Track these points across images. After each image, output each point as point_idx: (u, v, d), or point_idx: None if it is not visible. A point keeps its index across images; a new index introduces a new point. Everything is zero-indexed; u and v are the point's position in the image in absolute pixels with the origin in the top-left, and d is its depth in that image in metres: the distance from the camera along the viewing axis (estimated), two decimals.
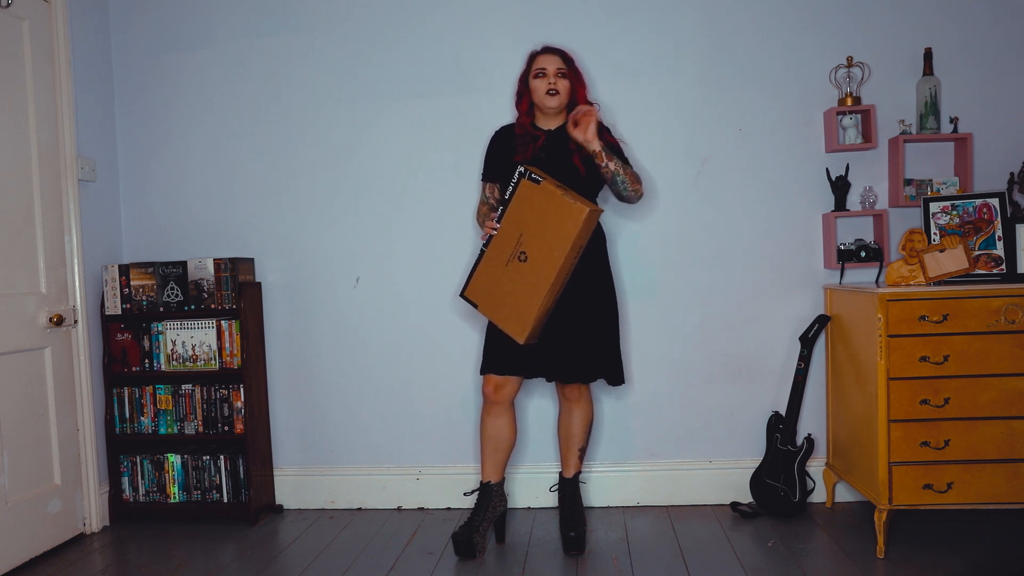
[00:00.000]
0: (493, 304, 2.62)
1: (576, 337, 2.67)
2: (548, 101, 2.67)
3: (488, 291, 2.62)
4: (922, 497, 2.57)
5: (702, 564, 2.60)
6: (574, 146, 2.65)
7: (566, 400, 2.81)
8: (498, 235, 2.60)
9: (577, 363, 2.69)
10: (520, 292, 2.55)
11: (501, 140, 2.80)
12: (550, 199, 2.50)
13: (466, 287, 2.67)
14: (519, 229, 2.56)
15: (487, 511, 2.77)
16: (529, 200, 2.54)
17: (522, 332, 2.57)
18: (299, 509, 3.31)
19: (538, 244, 2.53)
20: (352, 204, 3.27)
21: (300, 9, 3.26)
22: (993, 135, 3.02)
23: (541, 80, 2.67)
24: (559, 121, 2.73)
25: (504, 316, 2.60)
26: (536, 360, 2.68)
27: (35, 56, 2.92)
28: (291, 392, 3.33)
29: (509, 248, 2.57)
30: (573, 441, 2.84)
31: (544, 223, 2.52)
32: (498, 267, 2.60)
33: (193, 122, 3.34)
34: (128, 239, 3.40)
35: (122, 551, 2.93)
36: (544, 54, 2.72)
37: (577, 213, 2.47)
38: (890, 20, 3.06)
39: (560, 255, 2.50)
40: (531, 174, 2.54)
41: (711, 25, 3.12)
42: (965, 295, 2.55)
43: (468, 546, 2.69)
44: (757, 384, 3.15)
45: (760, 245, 3.13)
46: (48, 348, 2.95)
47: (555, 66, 2.67)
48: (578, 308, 2.67)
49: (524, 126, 2.73)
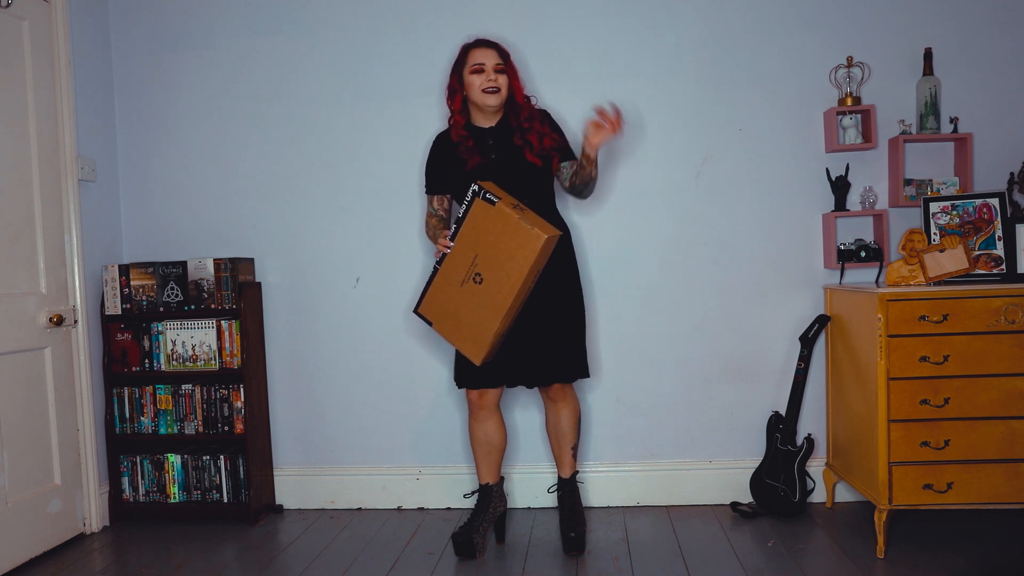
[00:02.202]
0: (448, 324, 2.56)
1: (549, 340, 2.64)
2: (488, 99, 2.58)
3: (443, 310, 2.56)
4: (922, 497, 2.57)
5: (702, 564, 2.60)
6: (521, 141, 2.60)
7: (551, 401, 2.77)
8: (452, 254, 2.52)
9: (554, 365, 2.66)
10: (476, 314, 2.49)
11: (441, 147, 2.72)
12: (506, 222, 2.41)
13: (419, 303, 2.60)
14: (473, 250, 2.48)
15: (487, 512, 2.77)
16: (484, 221, 2.45)
17: (479, 354, 2.52)
18: (299, 509, 3.31)
19: (494, 268, 2.45)
20: (352, 204, 3.27)
21: (300, 9, 3.26)
22: (993, 135, 3.02)
23: (479, 76, 2.58)
24: (498, 117, 2.66)
25: (460, 337, 2.54)
26: (511, 369, 2.65)
27: (35, 56, 2.92)
28: (291, 392, 3.33)
29: (464, 269, 2.50)
30: (565, 440, 2.81)
31: (499, 246, 2.43)
32: (452, 287, 2.53)
33: (193, 122, 3.34)
34: (128, 239, 3.40)
35: (122, 551, 2.93)
36: (480, 48, 2.61)
37: (534, 239, 2.39)
38: (890, 20, 3.06)
39: (517, 280, 2.43)
40: (485, 193, 2.44)
41: (711, 25, 3.12)
42: (965, 295, 2.55)
43: (468, 546, 2.68)
44: (757, 384, 3.15)
45: (760, 245, 3.13)
46: (48, 348, 2.95)
47: (493, 61, 2.58)
48: (547, 310, 2.63)
49: (458, 127, 2.64)
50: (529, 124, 2.63)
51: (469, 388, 2.70)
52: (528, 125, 2.62)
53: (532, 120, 2.64)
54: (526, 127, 2.62)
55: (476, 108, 2.65)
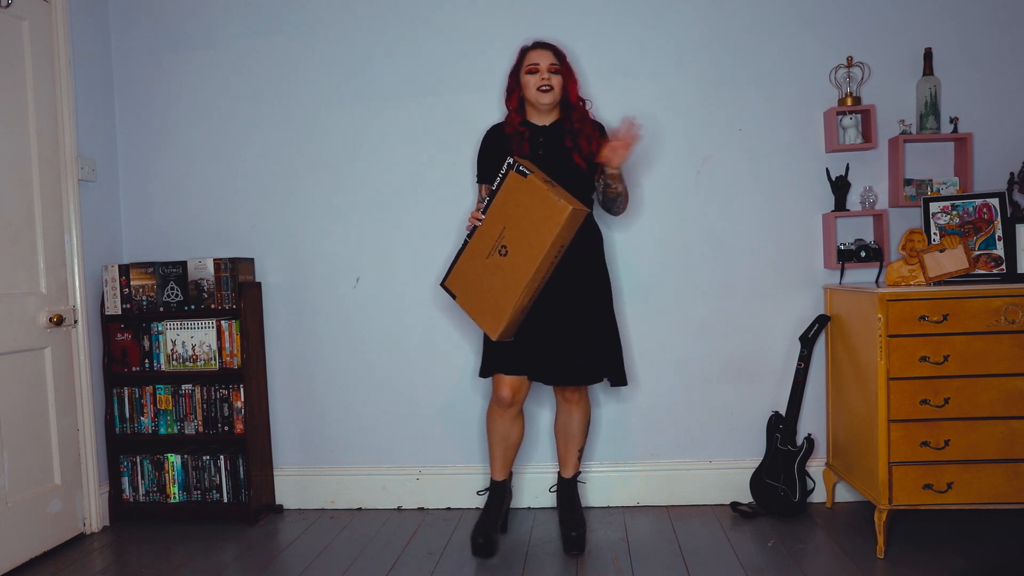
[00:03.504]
0: (471, 297, 2.57)
1: (576, 340, 2.65)
2: (541, 98, 2.64)
3: (467, 284, 2.58)
4: (922, 497, 2.57)
5: (702, 564, 2.60)
6: (571, 143, 2.64)
7: (566, 402, 2.79)
8: (482, 227, 2.55)
9: (581, 365, 2.67)
10: (498, 287, 2.50)
11: (494, 139, 2.76)
12: (534, 193, 2.44)
13: (447, 277, 2.64)
14: (502, 223, 2.50)
15: (501, 509, 2.81)
16: (515, 193, 2.48)
17: (496, 328, 2.52)
18: (299, 509, 3.31)
19: (519, 239, 2.47)
20: (352, 204, 3.27)
21: (300, 9, 3.26)
22: (993, 135, 3.02)
23: (534, 76, 2.64)
24: (554, 117, 2.71)
25: (480, 311, 2.55)
26: (538, 363, 2.66)
27: (35, 56, 2.92)
28: (291, 392, 3.33)
29: (491, 241, 2.52)
30: (573, 442, 2.83)
31: (526, 218, 2.46)
32: (479, 260, 2.55)
33: (193, 122, 3.34)
34: (128, 239, 3.40)
35: (122, 551, 2.93)
36: (536, 49, 2.68)
37: (560, 211, 2.41)
38: (890, 20, 3.06)
39: (539, 252, 2.44)
40: (519, 166, 2.48)
41: (711, 25, 3.12)
42: (965, 295, 2.55)
43: (489, 546, 2.70)
44: (757, 384, 3.15)
45: (760, 245, 3.13)
46: (48, 348, 2.95)
47: (548, 61, 2.64)
48: (576, 310, 2.65)
49: (514, 124, 2.69)
50: (580, 126, 2.66)
51: (502, 374, 2.67)
52: (579, 127, 2.66)
53: (584, 123, 2.68)
54: (577, 128, 2.65)
55: (532, 107, 2.70)
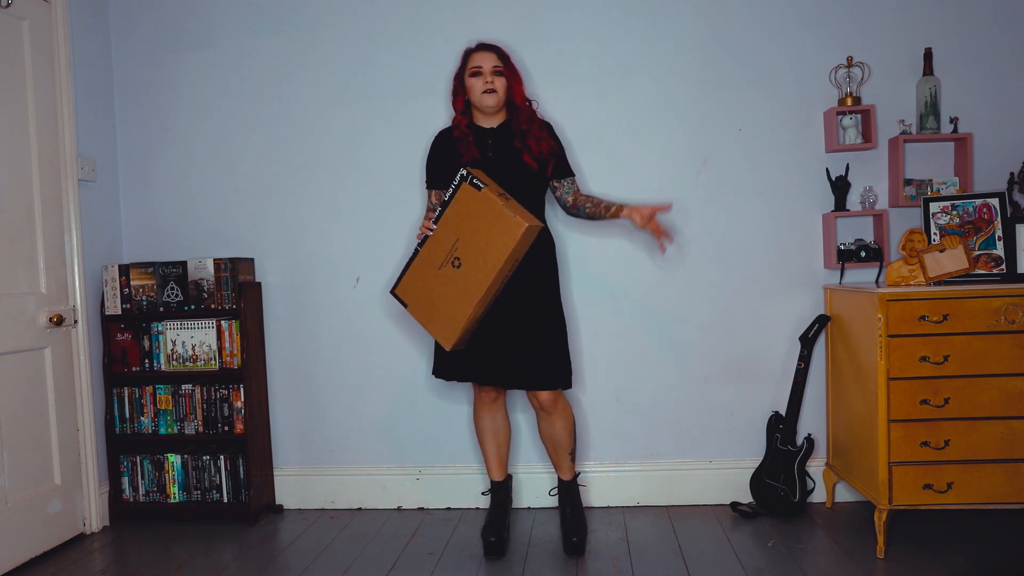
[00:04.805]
0: (423, 307, 2.58)
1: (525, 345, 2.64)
2: (486, 100, 2.63)
3: (419, 293, 2.58)
4: (922, 497, 2.57)
5: (702, 564, 2.60)
6: (520, 144, 2.64)
7: (544, 412, 2.75)
8: (433, 237, 2.55)
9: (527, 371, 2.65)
10: (451, 299, 2.52)
11: (443, 143, 2.75)
12: (489, 208, 2.45)
13: (397, 284, 2.63)
14: (455, 234, 2.51)
15: (505, 508, 2.83)
16: (468, 206, 2.48)
17: (450, 339, 2.54)
18: (299, 509, 3.31)
19: (473, 253, 2.48)
20: (352, 204, 3.27)
21: (300, 9, 3.26)
22: (993, 135, 3.02)
23: (477, 79, 2.63)
24: (500, 118, 2.71)
25: (433, 321, 2.56)
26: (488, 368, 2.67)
27: (35, 56, 2.92)
28: (291, 392, 3.33)
29: (443, 252, 2.53)
30: (561, 447, 2.81)
31: (480, 232, 2.46)
32: (431, 270, 2.55)
33: (193, 122, 3.34)
34: (128, 239, 3.40)
35: (122, 551, 2.93)
36: (479, 51, 2.67)
37: (515, 227, 2.42)
38: (890, 20, 3.06)
39: (495, 266, 2.46)
40: (473, 178, 2.48)
41: (711, 25, 3.12)
42: (965, 295, 2.55)
43: (500, 545, 2.72)
44: (757, 384, 3.15)
45: (760, 245, 3.13)
46: (48, 348, 2.95)
47: (491, 64, 2.63)
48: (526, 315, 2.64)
49: (460, 127, 2.69)
50: (528, 127, 2.66)
51: (440, 378, 2.77)
52: (527, 128, 2.66)
53: (531, 123, 2.67)
54: (525, 129, 2.65)
55: (478, 110, 2.69)
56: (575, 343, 3.08)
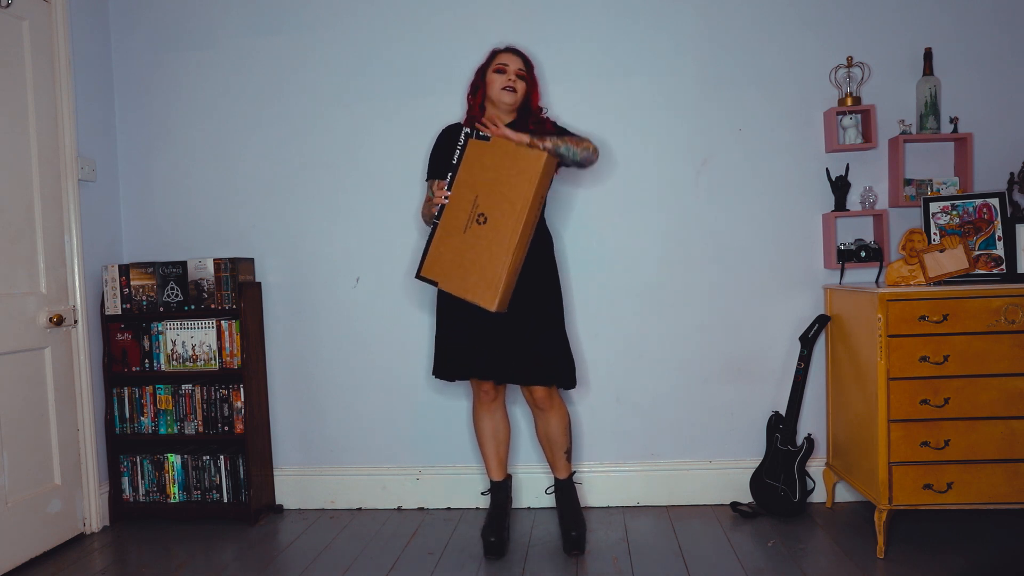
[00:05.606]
0: (456, 277, 2.45)
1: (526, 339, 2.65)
2: (504, 96, 2.68)
3: (447, 265, 2.46)
4: (922, 497, 2.57)
5: (702, 564, 2.60)
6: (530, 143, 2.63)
7: (539, 409, 2.78)
8: (450, 204, 2.48)
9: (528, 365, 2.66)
10: (485, 256, 2.40)
11: (447, 136, 2.79)
12: (503, 152, 2.41)
13: (421, 266, 2.54)
14: (473, 191, 2.44)
15: (506, 508, 2.84)
16: (480, 158, 2.43)
17: (493, 298, 2.39)
18: (299, 509, 3.31)
19: (497, 201, 2.39)
20: (352, 204, 3.27)
21: (300, 9, 3.26)
22: (993, 135, 3.02)
23: (501, 75, 2.69)
24: (511, 119, 2.74)
25: (470, 286, 2.42)
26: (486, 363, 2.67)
27: (35, 56, 2.92)
28: (291, 392, 3.33)
29: (465, 214, 2.44)
30: (557, 446, 2.82)
31: (500, 179, 2.39)
32: (455, 237, 2.46)
33: (193, 122, 3.34)
34: (128, 239, 3.40)
35: (122, 551, 2.93)
36: (508, 52, 2.76)
37: (536, 159, 2.38)
38: (890, 20, 3.06)
39: (523, 207, 2.37)
40: (478, 133, 2.47)
41: (711, 24, 3.12)
42: (965, 295, 2.55)
43: (501, 545, 2.72)
44: (757, 384, 3.15)
45: (760, 245, 3.13)
46: (48, 348, 2.95)
47: (516, 66, 2.71)
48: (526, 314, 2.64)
49: (477, 118, 2.70)
50: (536, 127, 2.70)
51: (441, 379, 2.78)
52: (535, 128, 2.69)
53: (541, 125, 2.72)
54: (532, 130, 2.68)
55: (492, 106, 2.73)
56: (575, 343, 3.08)
